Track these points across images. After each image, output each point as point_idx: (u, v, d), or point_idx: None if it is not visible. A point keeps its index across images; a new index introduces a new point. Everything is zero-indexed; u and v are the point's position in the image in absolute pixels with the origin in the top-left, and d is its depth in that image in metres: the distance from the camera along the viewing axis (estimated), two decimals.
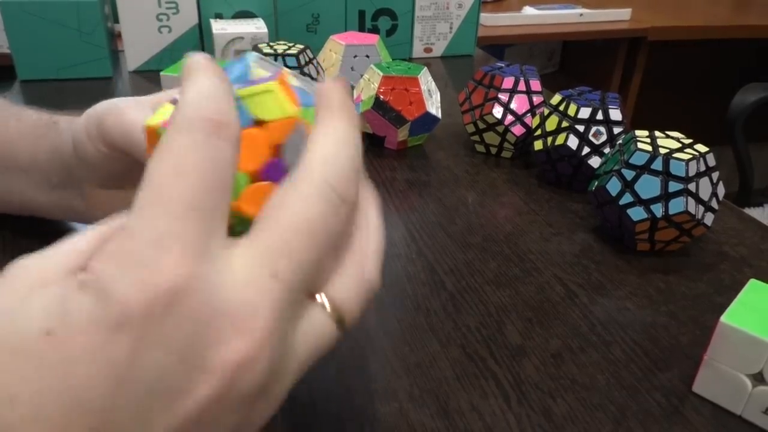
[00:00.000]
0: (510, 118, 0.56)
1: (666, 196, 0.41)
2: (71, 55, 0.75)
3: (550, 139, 0.52)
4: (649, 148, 0.42)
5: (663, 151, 0.42)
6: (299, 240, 0.18)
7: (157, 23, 0.78)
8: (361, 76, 0.61)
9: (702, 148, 0.43)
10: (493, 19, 1.34)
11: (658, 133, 0.45)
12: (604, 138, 0.50)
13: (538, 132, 0.53)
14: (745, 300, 0.32)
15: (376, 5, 0.85)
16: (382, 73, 0.57)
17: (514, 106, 0.56)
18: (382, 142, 0.60)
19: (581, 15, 1.42)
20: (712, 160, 0.43)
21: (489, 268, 0.42)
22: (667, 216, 0.41)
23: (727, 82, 1.73)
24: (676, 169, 0.41)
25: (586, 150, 0.50)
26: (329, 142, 0.20)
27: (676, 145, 0.43)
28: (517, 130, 0.56)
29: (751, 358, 0.30)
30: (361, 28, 0.86)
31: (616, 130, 0.50)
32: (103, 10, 0.75)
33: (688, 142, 0.44)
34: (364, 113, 0.58)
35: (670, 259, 0.44)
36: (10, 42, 0.72)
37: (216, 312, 0.17)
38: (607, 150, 0.50)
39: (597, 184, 0.45)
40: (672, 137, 0.45)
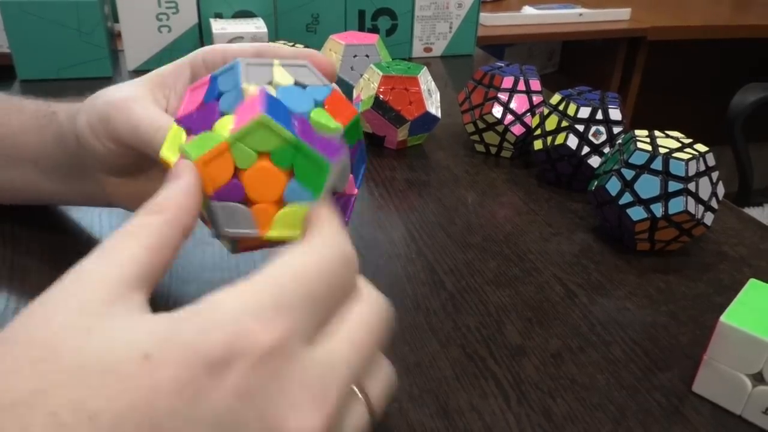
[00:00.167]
0: (510, 117, 0.56)
1: (666, 196, 0.41)
2: (71, 55, 0.75)
3: (549, 138, 0.52)
4: (649, 148, 0.42)
5: (663, 150, 0.42)
6: (365, 342, 0.21)
7: (157, 23, 0.78)
8: (361, 75, 0.61)
9: (702, 147, 0.43)
10: (493, 19, 1.34)
11: (657, 132, 0.45)
12: (603, 138, 0.50)
13: (538, 132, 0.53)
14: (745, 300, 0.32)
15: (376, 5, 0.85)
16: (381, 73, 0.57)
17: (513, 105, 0.56)
18: (382, 142, 0.60)
19: (581, 15, 1.42)
20: (711, 160, 0.43)
21: (489, 268, 0.42)
22: (667, 216, 0.41)
23: (727, 82, 1.73)
24: (676, 168, 0.41)
25: (586, 150, 0.50)
26: (369, 286, 0.23)
27: (676, 144, 0.43)
28: (517, 129, 0.56)
29: (750, 358, 0.30)
30: (361, 28, 0.86)
31: (616, 130, 0.50)
32: (102, 10, 0.75)
33: (688, 141, 0.44)
34: (364, 113, 0.58)
35: (670, 259, 0.44)
36: (10, 42, 0.72)
37: (298, 383, 0.19)
38: (606, 150, 0.50)
39: (597, 183, 0.45)
40: (672, 137, 0.45)
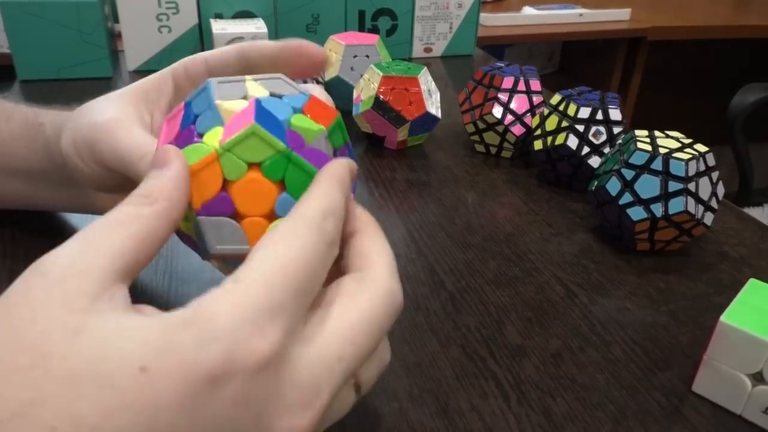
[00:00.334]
0: (510, 117, 0.56)
1: (666, 196, 0.41)
2: (71, 55, 0.75)
3: (549, 138, 0.52)
4: (649, 148, 0.42)
5: (663, 150, 0.42)
6: (365, 334, 0.21)
7: (157, 23, 0.78)
8: (361, 76, 0.61)
9: (702, 147, 0.43)
10: (493, 19, 1.34)
11: (657, 132, 0.45)
12: (603, 138, 0.50)
13: (538, 132, 0.53)
14: (745, 300, 0.32)
15: (376, 5, 0.85)
16: (381, 73, 0.57)
17: (513, 105, 0.56)
18: (382, 142, 0.60)
19: (581, 15, 1.42)
20: (711, 160, 0.43)
21: (489, 268, 0.42)
22: (667, 216, 0.41)
23: (727, 82, 1.73)
24: (676, 168, 0.41)
25: (586, 150, 0.50)
26: (387, 260, 0.23)
27: (676, 144, 0.43)
28: (517, 129, 0.56)
29: (750, 358, 0.30)
30: (361, 28, 0.86)
31: (616, 130, 0.50)
32: (103, 10, 0.75)
33: (688, 141, 0.44)
34: (364, 113, 0.58)
35: (670, 259, 0.44)
36: (10, 42, 0.72)
37: (290, 384, 0.19)
38: (606, 150, 0.50)
39: (597, 183, 0.45)
40: (672, 137, 0.45)
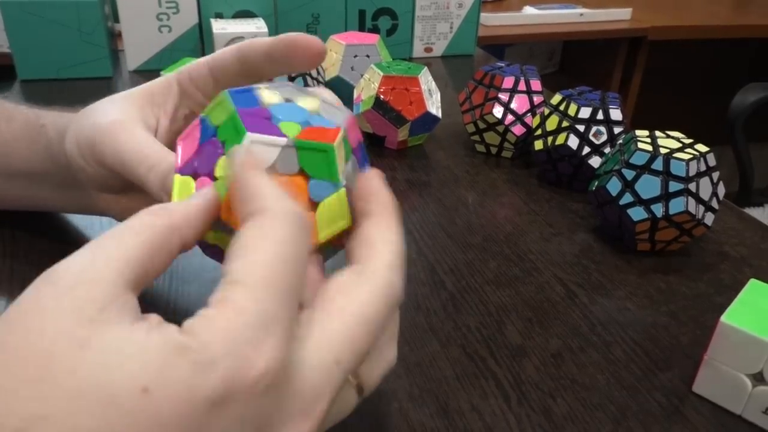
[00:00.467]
0: (510, 117, 0.56)
1: (666, 196, 0.41)
2: (71, 55, 0.74)
3: (550, 138, 0.52)
4: (650, 148, 0.42)
5: (663, 150, 0.42)
6: (362, 334, 0.20)
7: (157, 23, 0.78)
8: (361, 75, 0.61)
9: (702, 147, 0.43)
10: (494, 19, 1.34)
11: (658, 132, 0.45)
12: (604, 138, 0.50)
13: (539, 132, 0.53)
14: (745, 300, 0.32)
15: (376, 5, 0.85)
16: (382, 73, 0.57)
17: (514, 105, 0.56)
18: (382, 142, 0.60)
19: (581, 15, 1.42)
20: (712, 160, 0.43)
21: (489, 268, 0.42)
22: (668, 216, 0.41)
23: (727, 82, 1.73)
24: (677, 168, 0.41)
25: (587, 150, 0.50)
26: (392, 249, 0.22)
27: (677, 144, 0.43)
28: (518, 129, 0.56)
29: (751, 358, 0.30)
30: (361, 28, 0.86)
31: (617, 130, 0.50)
32: (103, 10, 0.75)
33: (689, 141, 0.44)
34: (364, 113, 0.58)
35: (670, 259, 0.44)
36: (10, 42, 0.72)
37: (290, 393, 0.19)
38: (607, 150, 0.50)
39: (597, 184, 0.45)
40: (672, 137, 0.45)
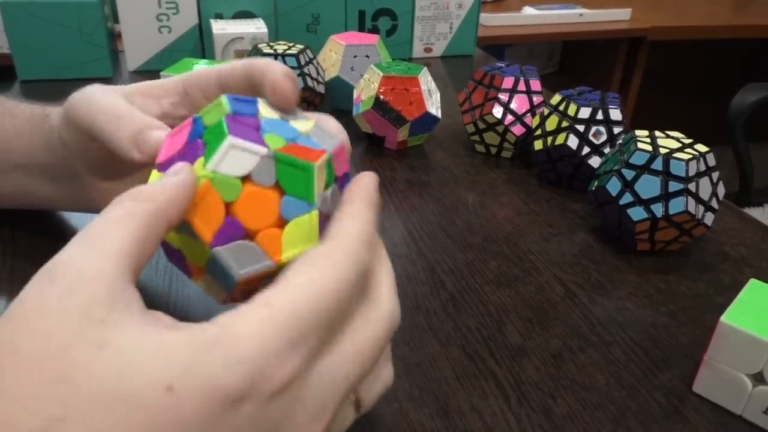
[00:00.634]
0: (510, 118, 0.56)
1: (666, 196, 0.41)
2: (71, 55, 0.75)
3: (550, 138, 0.52)
4: (649, 148, 0.42)
5: (663, 150, 0.42)
6: (371, 355, 0.22)
7: (157, 23, 0.78)
8: (361, 76, 0.61)
9: (702, 148, 0.43)
10: (493, 19, 1.34)
11: (658, 132, 0.45)
12: (604, 138, 0.50)
13: (538, 132, 0.53)
14: (745, 300, 0.32)
15: (376, 5, 0.85)
16: (382, 73, 0.57)
17: (514, 106, 0.56)
18: (382, 142, 0.60)
19: (581, 15, 1.42)
20: (712, 160, 0.43)
21: (489, 268, 0.42)
22: (667, 216, 0.41)
23: (727, 82, 1.73)
24: (676, 168, 0.41)
25: (586, 150, 0.50)
26: (390, 281, 0.24)
27: (676, 144, 0.43)
28: (517, 130, 0.56)
29: (751, 358, 0.30)
30: (361, 28, 0.86)
31: (616, 130, 0.50)
32: (103, 11, 0.75)
33: (688, 141, 0.44)
34: (364, 113, 0.58)
35: (670, 259, 0.44)
36: (10, 42, 0.72)
37: (303, 404, 0.20)
38: (607, 150, 0.50)
39: (597, 184, 0.45)
40: (672, 137, 0.45)
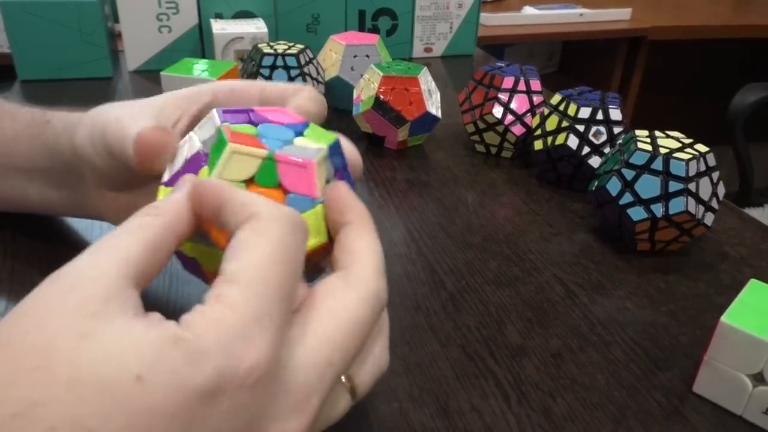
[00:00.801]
0: (510, 117, 0.56)
1: (666, 196, 0.41)
2: (71, 55, 0.75)
3: (550, 138, 0.52)
4: (649, 148, 0.42)
5: (663, 150, 0.42)
6: (352, 336, 0.21)
7: (157, 23, 0.78)
8: (361, 76, 0.61)
9: (702, 147, 0.43)
10: (493, 19, 1.34)
11: (658, 132, 0.45)
12: (604, 138, 0.50)
13: (538, 132, 0.53)
14: (745, 300, 0.32)
15: (376, 5, 0.85)
16: (382, 73, 0.57)
17: (514, 105, 0.56)
18: (382, 142, 0.60)
19: (581, 15, 1.42)
20: (712, 160, 0.43)
21: (489, 268, 0.42)
22: (668, 216, 0.41)
23: (727, 82, 1.73)
24: (676, 168, 0.41)
25: (586, 150, 0.50)
26: (375, 255, 0.23)
27: (676, 144, 0.43)
28: (517, 129, 0.56)
29: (751, 358, 0.30)
30: (361, 28, 0.86)
31: (616, 130, 0.50)
32: (103, 10, 0.75)
33: (689, 141, 0.44)
34: (364, 113, 0.58)
35: (670, 259, 0.44)
36: (10, 42, 0.72)
37: (282, 390, 0.19)
38: (607, 150, 0.50)
39: (597, 184, 0.45)
40: (672, 137, 0.45)
